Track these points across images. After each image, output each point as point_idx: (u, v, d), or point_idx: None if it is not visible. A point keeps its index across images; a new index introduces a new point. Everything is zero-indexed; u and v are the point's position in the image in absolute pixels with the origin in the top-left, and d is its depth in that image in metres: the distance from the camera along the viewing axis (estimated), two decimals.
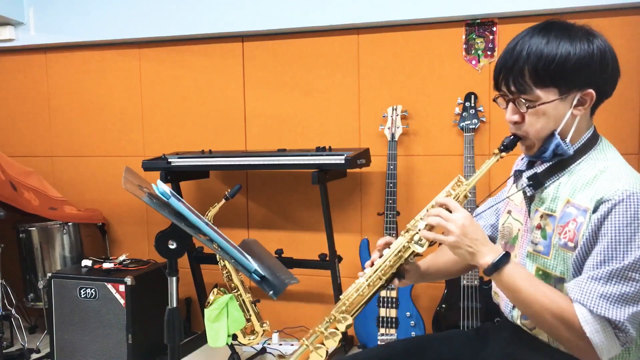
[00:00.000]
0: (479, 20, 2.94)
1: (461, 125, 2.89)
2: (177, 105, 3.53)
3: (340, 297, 1.47)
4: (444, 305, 2.83)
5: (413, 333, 2.88)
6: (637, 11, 2.72)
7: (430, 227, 1.37)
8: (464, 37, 2.98)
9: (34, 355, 3.17)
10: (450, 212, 1.33)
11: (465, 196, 1.40)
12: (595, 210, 1.24)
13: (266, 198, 3.41)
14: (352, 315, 1.43)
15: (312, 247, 3.24)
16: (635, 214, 1.20)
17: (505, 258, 1.29)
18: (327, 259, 2.97)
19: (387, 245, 1.47)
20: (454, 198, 1.39)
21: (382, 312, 2.91)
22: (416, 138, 3.10)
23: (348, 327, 1.43)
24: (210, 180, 3.47)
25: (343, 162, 2.73)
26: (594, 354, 1.21)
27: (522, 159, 1.53)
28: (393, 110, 2.99)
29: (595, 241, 1.23)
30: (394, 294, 2.90)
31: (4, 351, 3.13)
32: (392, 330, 2.90)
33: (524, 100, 1.32)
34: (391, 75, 3.11)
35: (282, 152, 3.02)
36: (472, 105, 2.89)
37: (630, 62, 2.74)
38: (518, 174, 1.47)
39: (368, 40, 3.14)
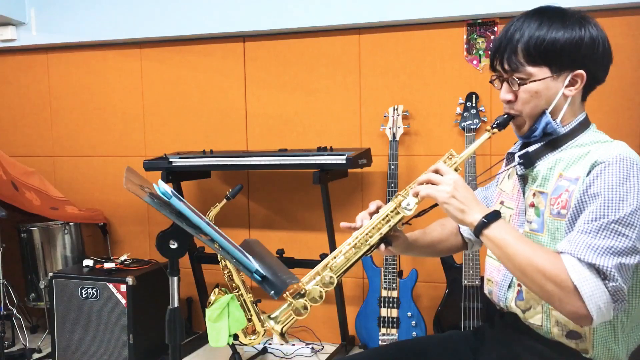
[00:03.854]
0: (480, 20, 2.94)
1: (462, 125, 2.89)
2: (179, 105, 3.53)
3: (327, 258, 1.47)
4: (445, 305, 2.84)
5: (414, 333, 2.88)
6: (637, 11, 2.72)
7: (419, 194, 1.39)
8: (465, 37, 2.98)
9: (36, 355, 3.17)
10: (442, 175, 1.36)
11: (456, 169, 1.42)
12: (588, 173, 1.26)
13: (267, 198, 3.41)
14: (337, 275, 1.44)
15: (313, 247, 3.24)
16: (628, 173, 1.22)
17: (495, 214, 1.30)
18: None
19: (378, 209, 1.49)
20: None
21: (384, 312, 2.91)
22: (417, 138, 3.10)
23: (329, 285, 1.43)
24: (211, 180, 3.47)
25: (344, 162, 2.73)
26: (582, 307, 1.18)
27: (516, 144, 1.55)
28: (394, 110, 2.99)
29: (588, 201, 1.25)
30: (395, 294, 2.90)
31: (5, 351, 3.13)
32: (393, 330, 2.90)
33: (516, 79, 1.36)
34: (392, 75, 3.11)
35: (283, 152, 3.02)
36: (474, 105, 2.89)
37: (631, 62, 2.74)
38: (510, 157, 1.50)
39: (369, 40, 3.14)
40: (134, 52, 3.58)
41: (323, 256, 3.01)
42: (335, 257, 1.45)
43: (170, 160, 3.06)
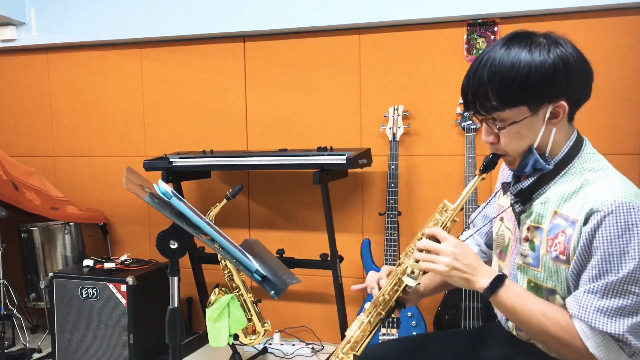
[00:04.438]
0: (480, 20, 2.94)
1: (462, 125, 2.89)
2: (179, 105, 3.53)
3: (345, 334, 1.51)
4: (445, 305, 2.84)
5: (414, 333, 2.88)
6: (637, 11, 2.72)
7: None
8: (465, 37, 2.98)
9: (36, 355, 3.17)
10: (439, 242, 1.33)
11: (454, 220, 1.39)
12: (585, 222, 1.21)
13: (267, 198, 3.41)
14: (357, 351, 1.47)
15: (313, 247, 3.24)
16: (626, 224, 1.17)
17: (500, 280, 1.29)
18: (329, 259, 2.97)
19: (378, 280, 1.53)
20: (441, 225, 1.38)
21: None
22: (417, 138, 3.10)
23: None
24: (211, 180, 3.47)
25: (344, 162, 2.73)
26: None
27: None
28: (394, 110, 2.99)
29: (589, 255, 1.21)
30: None
31: (5, 351, 3.13)
32: (394, 330, 2.90)
33: (494, 121, 1.30)
34: (392, 75, 3.11)
35: (283, 152, 3.02)
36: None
37: (631, 62, 2.74)
38: (506, 186, 1.46)
39: (369, 40, 3.14)
40: (134, 52, 3.58)
41: (323, 257, 3.01)
42: (353, 334, 1.49)
43: (171, 160, 3.06)
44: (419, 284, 1.42)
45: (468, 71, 1.32)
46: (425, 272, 1.39)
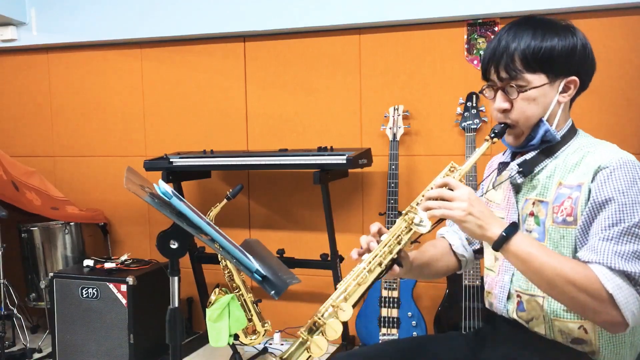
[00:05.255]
0: (480, 20, 2.94)
1: (463, 125, 2.89)
2: (179, 105, 3.53)
3: (338, 285, 1.38)
4: (445, 305, 2.84)
5: (414, 333, 2.88)
6: (637, 11, 2.72)
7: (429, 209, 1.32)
8: (465, 37, 2.98)
9: (36, 355, 3.17)
10: (452, 190, 1.31)
11: (460, 181, 1.37)
12: (593, 180, 1.27)
13: (268, 198, 3.41)
14: (353, 305, 1.34)
15: (313, 247, 3.24)
16: (634, 178, 1.25)
17: (514, 227, 1.28)
18: (329, 259, 2.97)
19: (380, 232, 1.43)
20: None
21: (384, 312, 2.91)
22: (418, 138, 3.10)
23: (347, 317, 1.33)
24: (211, 180, 3.47)
25: (344, 162, 2.73)
26: (618, 315, 1.19)
27: (504, 153, 1.56)
28: (395, 110, 2.99)
29: (600, 207, 1.25)
30: (395, 294, 2.90)
31: (6, 351, 3.13)
32: (394, 330, 2.90)
33: (514, 86, 1.36)
34: (393, 75, 3.11)
35: (283, 152, 3.02)
36: (474, 105, 2.89)
37: (631, 62, 2.74)
38: (502, 166, 1.49)
39: (369, 40, 3.14)
40: (135, 52, 3.58)
41: (324, 257, 3.01)
42: (348, 284, 1.36)
43: (171, 160, 3.06)
44: (430, 231, 1.34)
45: (491, 42, 1.42)
46: (437, 222, 1.38)
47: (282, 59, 3.30)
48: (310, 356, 1.32)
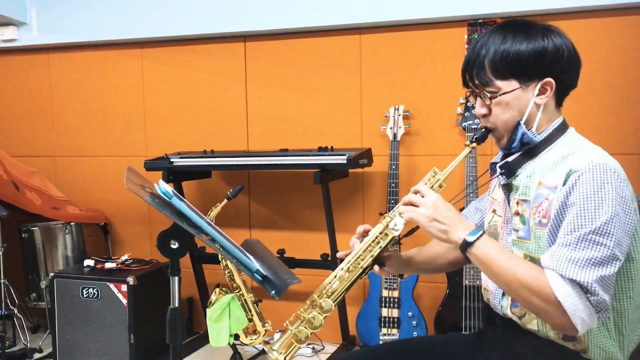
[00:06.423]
0: (481, 20, 2.94)
1: (463, 125, 2.89)
2: (179, 105, 3.53)
3: (322, 284, 1.49)
4: (446, 305, 2.84)
5: (415, 333, 2.88)
6: (637, 11, 2.72)
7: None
8: (466, 37, 2.98)
9: (37, 355, 3.17)
10: (423, 197, 1.39)
11: (440, 185, 1.47)
12: (565, 182, 1.28)
13: (268, 198, 3.41)
14: (334, 301, 1.46)
15: (314, 247, 3.24)
16: (601, 182, 1.24)
17: (477, 232, 1.32)
18: (329, 258, 2.97)
19: (366, 232, 1.53)
20: (428, 187, 1.45)
21: (384, 312, 2.92)
22: (418, 138, 3.10)
23: (328, 311, 1.45)
24: (212, 180, 3.47)
25: (345, 162, 2.73)
26: (568, 321, 1.22)
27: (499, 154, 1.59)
28: (395, 110, 2.99)
29: (566, 212, 1.27)
30: (396, 294, 2.90)
31: (6, 351, 3.14)
32: (394, 330, 2.90)
33: (487, 93, 1.40)
34: (393, 75, 3.11)
35: (284, 152, 3.02)
36: (474, 105, 2.88)
37: (632, 62, 2.74)
38: (493, 167, 1.54)
39: (370, 40, 3.14)
40: (135, 52, 3.58)
41: (324, 256, 3.01)
42: (330, 283, 1.48)
43: (171, 160, 3.06)
44: (400, 235, 1.46)
45: (468, 50, 1.46)
46: (410, 232, 1.50)
47: (283, 59, 3.30)
48: (297, 346, 1.44)
